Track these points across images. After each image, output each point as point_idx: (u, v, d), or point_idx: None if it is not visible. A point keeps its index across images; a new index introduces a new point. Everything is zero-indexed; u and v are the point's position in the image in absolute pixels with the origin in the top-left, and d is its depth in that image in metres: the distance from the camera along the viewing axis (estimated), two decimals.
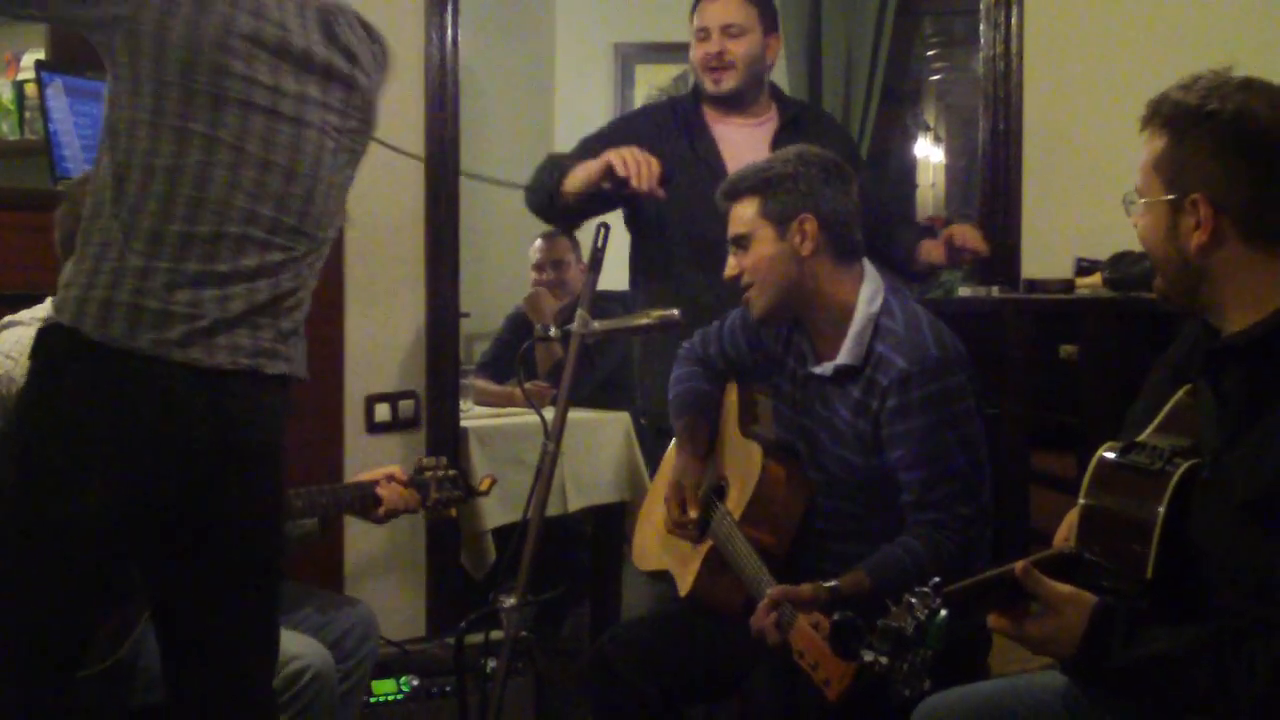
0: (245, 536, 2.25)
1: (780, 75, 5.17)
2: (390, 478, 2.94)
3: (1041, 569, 1.83)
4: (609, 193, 3.18)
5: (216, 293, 2.13)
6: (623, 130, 3.51)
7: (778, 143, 3.37)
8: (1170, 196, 1.83)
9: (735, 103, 3.48)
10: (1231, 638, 1.72)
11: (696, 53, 3.49)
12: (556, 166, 3.36)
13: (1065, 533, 2.00)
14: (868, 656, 1.75)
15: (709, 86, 3.47)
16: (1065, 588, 1.82)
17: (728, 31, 3.43)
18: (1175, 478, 1.81)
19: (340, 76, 2.25)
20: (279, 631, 2.39)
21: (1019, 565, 1.82)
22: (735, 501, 2.73)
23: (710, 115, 3.50)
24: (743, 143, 3.41)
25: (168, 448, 2.11)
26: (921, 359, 2.55)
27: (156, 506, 2.13)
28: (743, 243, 2.67)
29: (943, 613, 1.72)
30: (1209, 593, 1.81)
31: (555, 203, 3.32)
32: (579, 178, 3.23)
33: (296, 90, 2.18)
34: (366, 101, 2.33)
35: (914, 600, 1.74)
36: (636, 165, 3.11)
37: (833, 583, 2.38)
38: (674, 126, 3.49)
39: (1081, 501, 1.91)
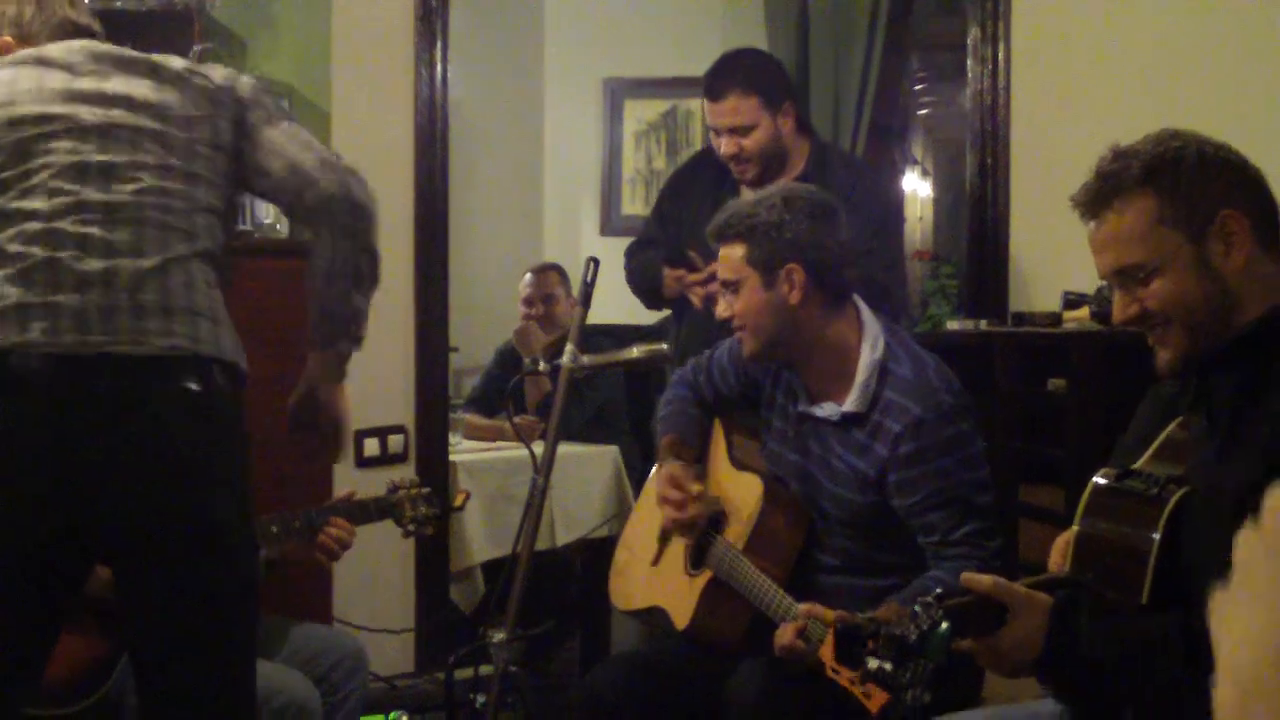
0: (176, 558, 2.17)
1: None
2: (347, 500, 2.91)
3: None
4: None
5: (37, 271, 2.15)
6: (672, 189, 3.83)
7: None
8: (1192, 235, 1.83)
9: (763, 181, 3.50)
10: (1200, 619, 1.72)
11: (716, 144, 3.53)
12: (653, 265, 3.63)
13: (1058, 559, 2.00)
14: (872, 664, 1.75)
15: (736, 177, 3.49)
16: (1023, 589, 1.83)
17: (736, 132, 3.45)
18: (1171, 504, 1.81)
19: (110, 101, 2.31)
20: (253, 676, 2.32)
21: (987, 578, 1.83)
22: (737, 533, 2.72)
23: None
24: None
25: (32, 447, 2.11)
26: (936, 405, 2.56)
27: (51, 520, 2.12)
28: (732, 287, 2.67)
29: (944, 625, 1.73)
30: (1205, 616, 1.81)
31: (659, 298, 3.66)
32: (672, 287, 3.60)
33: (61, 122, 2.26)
34: (164, 114, 2.33)
35: (918, 610, 1.75)
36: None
37: (869, 613, 2.37)
38: (713, 176, 3.55)
39: (1076, 528, 1.92)
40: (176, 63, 2.40)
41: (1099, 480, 1.92)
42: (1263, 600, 0.90)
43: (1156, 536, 1.80)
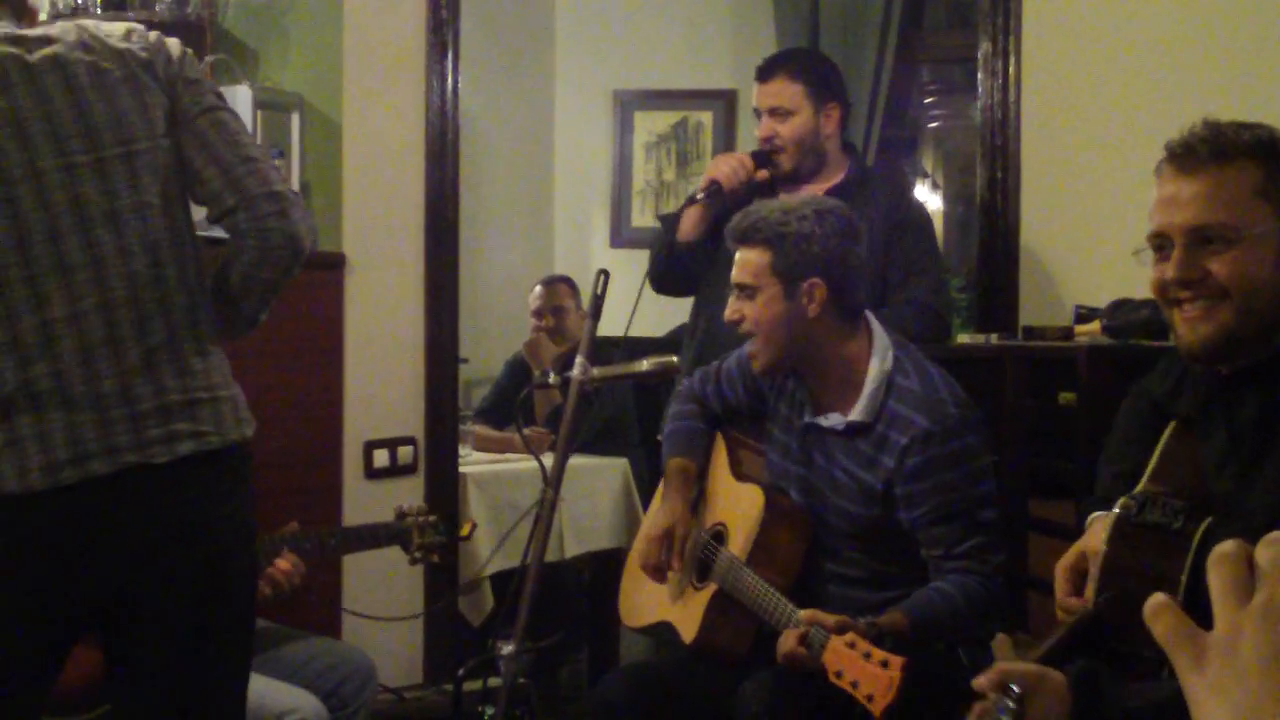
0: (194, 628, 2.10)
1: None
2: (302, 532, 2.85)
3: (1065, 644, 1.80)
4: (722, 209, 3.27)
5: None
6: None
7: None
8: None
9: (796, 176, 3.49)
10: None
11: (757, 129, 3.53)
12: (666, 223, 3.57)
13: (1064, 585, 1.97)
14: None
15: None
16: (1034, 668, 1.75)
17: (775, 114, 3.45)
18: (1197, 537, 1.78)
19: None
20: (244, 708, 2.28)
21: (992, 673, 1.68)
22: (740, 545, 2.73)
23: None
24: None
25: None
26: (943, 418, 2.56)
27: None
28: (748, 292, 2.66)
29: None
30: None
31: (672, 256, 3.50)
32: (688, 220, 3.46)
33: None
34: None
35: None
36: (731, 171, 3.36)
37: (870, 618, 2.37)
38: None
39: (1101, 556, 1.87)
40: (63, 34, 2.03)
41: (1117, 512, 1.88)
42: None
43: (1183, 578, 1.76)
